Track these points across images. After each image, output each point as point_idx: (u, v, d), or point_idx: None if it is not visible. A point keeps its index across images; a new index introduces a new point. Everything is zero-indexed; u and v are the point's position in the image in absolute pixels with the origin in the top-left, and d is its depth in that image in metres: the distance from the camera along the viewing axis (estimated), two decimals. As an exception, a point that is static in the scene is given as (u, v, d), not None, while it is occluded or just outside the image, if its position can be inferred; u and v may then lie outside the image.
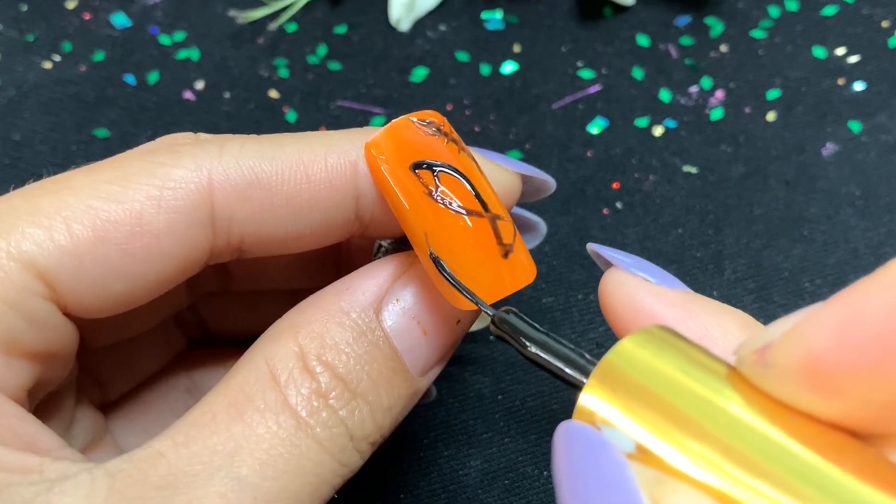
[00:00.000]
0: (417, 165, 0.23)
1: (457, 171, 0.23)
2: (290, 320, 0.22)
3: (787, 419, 0.16)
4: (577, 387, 0.19)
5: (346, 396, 0.22)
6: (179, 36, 0.44)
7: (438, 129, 0.23)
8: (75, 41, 0.44)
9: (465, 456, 0.33)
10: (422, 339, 0.23)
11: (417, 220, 0.22)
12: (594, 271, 0.37)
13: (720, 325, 0.21)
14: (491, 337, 0.35)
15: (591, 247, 0.24)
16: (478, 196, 0.23)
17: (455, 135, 0.24)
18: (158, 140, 0.24)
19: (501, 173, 0.25)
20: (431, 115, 0.24)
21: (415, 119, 0.23)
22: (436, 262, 0.22)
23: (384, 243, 0.26)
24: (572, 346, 0.20)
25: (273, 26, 0.45)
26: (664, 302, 0.22)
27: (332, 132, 0.24)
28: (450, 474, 0.32)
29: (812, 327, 0.16)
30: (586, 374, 0.19)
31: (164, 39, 0.44)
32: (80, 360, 0.26)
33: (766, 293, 0.36)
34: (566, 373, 0.20)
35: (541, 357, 0.20)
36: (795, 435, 0.16)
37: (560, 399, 0.34)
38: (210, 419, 0.20)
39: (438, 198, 0.22)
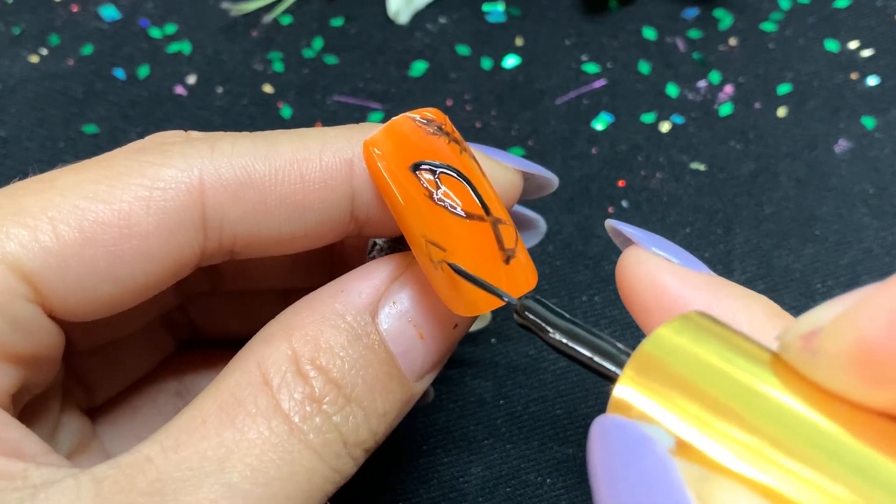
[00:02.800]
0: (418, 166, 0.22)
1: (458, 172, 0.23)
2: (284, 322, 0.22)
3: (834, 408, 0.16)
4: (610, 378, 0.18)
5: (340, 401, 0.21)
6: (171, 29, 0.44)
7: (440, 129, 0.23)
8: (63, 34, 0.44)
9: (465, 463, 0.32)
10: (418, 343, 0.23)
11: (417, 222, 0.22)
12: (599, 272, 0.37)
13: (747, 311, 0.20)
14: (492, 340, 0.35)
15: (610, 223, 0.23)
16: (480, 199, 0.23)
17: (457, 134, 0.24)
18: (148, 138, 0.24)
19: (502, 171, 0.25)
20: (432, 113, 0.24)
21: (416, 117, 0.23)
22: (454, 268, 0.22)
23: (379, 242, 0.26)
24: (603, 335, 0.19)
25: (267, 19, 0.45)
26: (689, 284, 0.21)
27: (326, 129, 0.24)
28: (450, 482, 0.32)
29: (865, 312, 0.15)
30: (620, 364, 0.19)
31: (155, 32, 0.44)
32: (66, 364, 0.26)
33: (777, 294, 0.36)
34: (597, 363, 0.19)
35: (568, 346, 0.20)
36: (844, 424, 0.16)
37: (563, 404, 0.34)
38: (200, 423, 0.20)
39: (439, 200, 0.22)
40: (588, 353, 0.19)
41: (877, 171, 0.39)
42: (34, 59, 0.43)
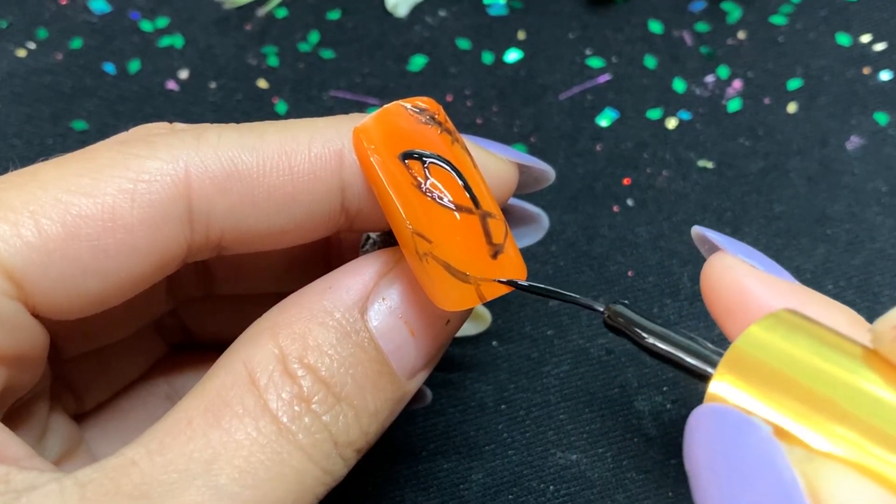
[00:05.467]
0: (407, 155, 0.22)
1: (448, 163, 0.23)
2: (270, 320, 0.22)
3: None
4: (703, 377, 0.20)
5: (329, 401, 0.21)
6: (162, 22, 0.44)
7: (432, 118, 0.23)
8: (51, 28, 0.44)
9: (466, 469, 0.32)
10: (409, 341, 0.23)
11: (404, 212, 0.22)
12: (603, 273, 0.37)
13: (830, 319, 0.21)
14: (494, 343, 0.35)
15: (697, 229, 0.24)
16: (469, 191, 0.23)
17: (449, 124, 0.24)
18: (132, 130, 0.24)
19: (496, 162, 0.25)
20: (426, 103, 0.24)
21: (408, 105, 0.23)
22: (516, 284, 0.23)
23: (372, 236, 0.26)
24: (692, 336, 0.21)
25: (262, 12, 0.45)
26: (773, 290, 0.22)
27: (316, 119, 0.24)
28: (450, 489, 0.32)
29: None
30: (712, 364, 0.20)
31: (146, 26, 0.44)
32: (54, 369, 0.26)
33: (787, 296, 0.36)
34: (690, 363, 0.20)
35: (661, 348, 0.21)
36: None
37: (567, 409, 0.34)
38: (186, 425, 0.20)
39: (427, 190, 0.22)
40: (680, 354, 0.21)
41: (890, 169, 0.39)
42: (21, 53, 0.43)
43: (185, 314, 0.31)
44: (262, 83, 0.42)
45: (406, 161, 0.22)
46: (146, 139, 0.22)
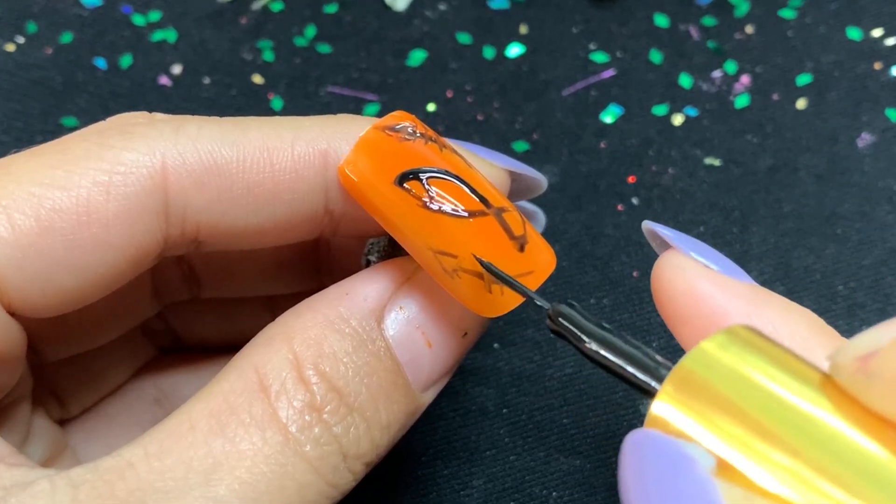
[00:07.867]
0: (403, 178, 0.22)
1: (447, 172, 0.23)
2: (284, 325, 0.22)
3: (888, 435, 0.16)
4: (647, 392, 0.19)
5: (342, 411, 0.21)
6: (155, 16, 0.44)
7: (412, 132, 0.23)
8: (41, 21, 0.44)
9: (466, 475, 0.32)
10: (425, 352, 0.23)
11: (418, 236, 0.22)
12: (607, 273, 0.37)
13: (789, 325, 0.20)
14: (495, 345, 0.35)
15: (647, 224, 0.24)
16: (475, 193, 0.23)
17: (431, 132, 0.23)
18: (109, 120, 0.24)
19: (489, 169, 0.25)
20: (399, 118, 0.23)
21: (384, 126, 0.23)
22: (486, 267, 0.22)
23: (378, 242, 0.26)
24: (641, 346, 0.20)
25: (257, 5, 0.45)
26: (728, 293, 0.21)
27: (302, 118, 0.24)
28: (450, 495, 0.32)
29: None
30: (658, 378, 0.19)
31: (138, 19, 0.44)
32: (37, 373, 0.26)
33: (797, 297, 0.36)
34: (634, 376, 0.19)
35: (603, 356, 0.20)
36: None
37: (570, 413, 0.33)
38: (188, 429, 0.20)
39: (435, 207, 0.22)
40: (625, 365, 0.19)
41: (902, 167, 0.39)
42: (10, 47, 0.43)
43: (173, 317, 0.31)
44: (258, 78, 0.42)
45: (403, 184, 0.22)
46: (123, 129, 0.22)
